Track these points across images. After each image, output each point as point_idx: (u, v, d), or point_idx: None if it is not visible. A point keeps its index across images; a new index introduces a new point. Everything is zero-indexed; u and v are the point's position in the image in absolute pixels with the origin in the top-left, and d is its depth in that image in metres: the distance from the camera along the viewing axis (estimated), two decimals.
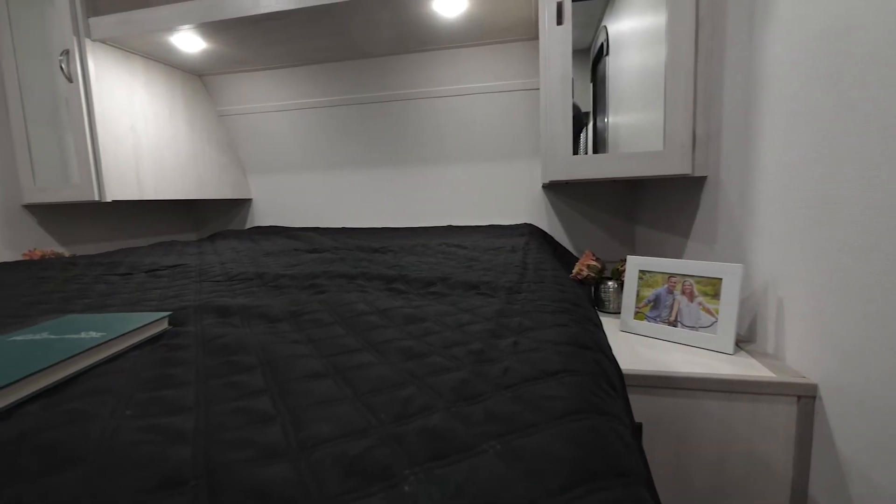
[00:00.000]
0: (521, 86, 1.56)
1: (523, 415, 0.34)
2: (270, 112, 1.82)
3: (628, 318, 0.89)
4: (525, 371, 0.41)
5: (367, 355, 0.47)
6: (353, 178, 1.83)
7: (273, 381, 0.41)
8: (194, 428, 0.33)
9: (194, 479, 0.27)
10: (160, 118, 1.59)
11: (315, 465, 0.28)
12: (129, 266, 1.05)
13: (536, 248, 1.13)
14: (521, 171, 1.65)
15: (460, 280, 0.78)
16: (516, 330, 0.54)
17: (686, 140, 0.94)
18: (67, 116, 1.38)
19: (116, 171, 1.41)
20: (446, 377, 0.41)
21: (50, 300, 0.76)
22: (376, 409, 0.35)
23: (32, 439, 0.31)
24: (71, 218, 1.58)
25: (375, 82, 1.68)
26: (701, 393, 0.71)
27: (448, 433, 0.31)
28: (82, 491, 0.25)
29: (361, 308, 0.63)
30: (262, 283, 0.85)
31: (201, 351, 0.49)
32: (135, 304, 0.71)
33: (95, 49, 1.36)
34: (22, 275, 0.99)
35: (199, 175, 1.73)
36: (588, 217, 1.59)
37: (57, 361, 0.41)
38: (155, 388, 0.40)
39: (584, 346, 0.50)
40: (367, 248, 1.21)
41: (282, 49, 1.53)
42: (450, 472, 0.27)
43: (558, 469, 0.28)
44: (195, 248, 1.41)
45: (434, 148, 1.72)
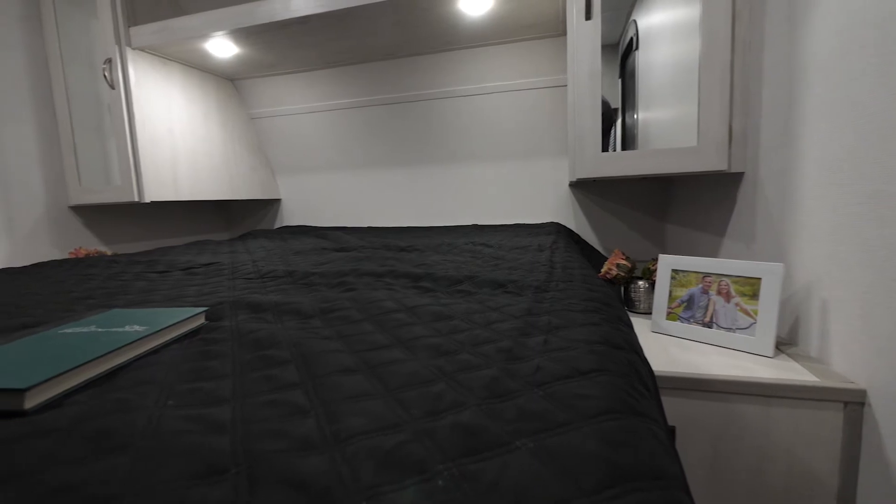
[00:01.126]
0: (547, 83, 1.54)
1: (556, 413, 0.33)
2: (298, 114, 1.86)
3: (660, 319, 0.87)
4: (556, 369, 0.41)
5: (396, 352, 0.47)
6: (379, 177, 1.85)
7: (306, 375, 0.42)
8: (232, 419, 0.34)
9: (234, 468, 0.27)
10: (195, 122, 1.65)
11: (350, 457, 0.29)
12: (167, 264, 1.09)
13: (564, 246, 1.12)
14: (547, 169, 1.63)
15: (487, 278, 0.77)
16: (545, 329, 0.53)
17: (722, 135, 0.91)
18: (110, 122, 1.45)
19: (154, 173, 1.47)
20: (476, 374, 0.41)
21: (95, 296, 0.79)
22: (408, 405, 0.35)
23: (83, 426, 0.32)
24: (112, 218, 1.65)
25: (401, 83, 1.69)
26: (738, 397, 0.69)
27: (480, 430, 0.31)
28: (132, 475, 0.26)
29: (390, 306, 0.64)
30: (292, 281, 0.86)
31: (236, 345, 0.50)
32: (173, 300, 0.74)
33: (136, 57, 1.42)
34: (69, 272, 1.05)
35: (231, 176, 1.79)
36: (617, 215, 1.56)
37: (104, 353, 0.43)
38: (194, 380, 0.41)
39: (616, 346, 0.49)
40: (393, 247, 1.22)
41: (309, 52, 1.56)
42: (483, 468, 0.27)
43: (593, 468, 0.27)
44: (228, 247, 1.45)
45: (459, 147, 1.72)
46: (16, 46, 1.39)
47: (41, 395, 0.36)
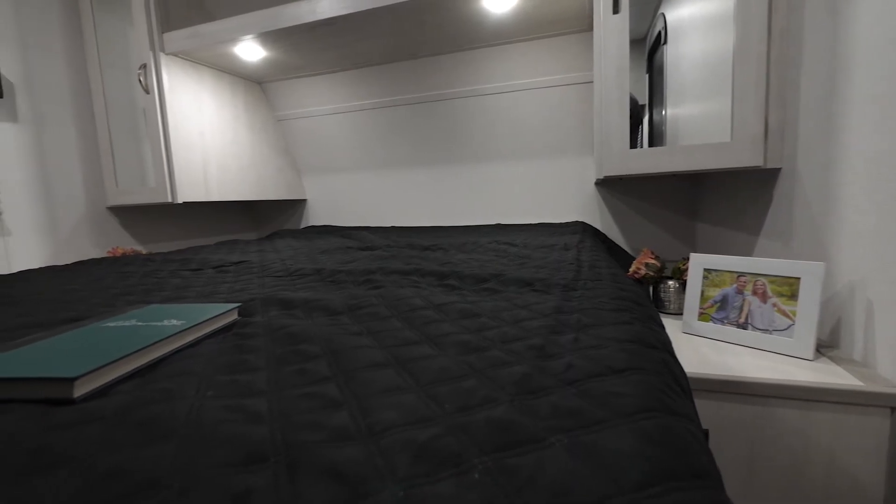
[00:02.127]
0: (572, 80, 1.52)
1: (590, 410, 0.33)
2: (323, 115, 1.89)
3: (691, 320, 0.85)
4: (589, 367, 0.40)
5: (425, 348, 0.48)
6: (402, 177, 1.86)
7: (338, 369, 0.42)
8: (269, 410, 0.35)
9: (274, 457, 0.28)
10: (224, 124, 1.69)
11: (385, 449, 0.29)
12: (199, 262, 1.13)
13: (590, 245, 1.10)
14: (572, 167, 1.61)
15: (514, 277, 0.77)
16: (575, 327, 0.53)
17: (757, 130, 0.88)
18: (144, 125, 1.50)
19: (187, 175, 1.51)
20: (507, 371, 0.40)
21: (133, 292, 0.82)
22: (440, 399, 0.36)
23: (130, 414, 0.33)
24: (147, 218, 1.71)
25: (424, 82, 1.70)
26: (776, 400, 0.67)
27: (514, 425, 0.31)
28: (178, 462, 0.27)
29: (417, 303, 0.64)
30: (320, 279, 0.88)
31: (269, 340, 0.51)
32: (207, 297, 0.76)
33: (169, 62, 1.47)
34: (108, 269, 1.09)
35: (259, 177, 1.83)
36: (644, 214, 1.53)
37: (145, 346, 0.44)
38: (231, 372, 0.42)
39: (649, 346, 0.48)
40: (417, 246, 1.23)
41: (334, 54, 1.59)
42: (518, 464, 0.27)
43: (632, 466, 0.27)
44: (256, 246, 1.48)
45: (482, 146, 1.71)
46: (57, 54, 1.46)
47: (89, 384, 0.38)
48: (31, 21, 1.39)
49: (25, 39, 1.37)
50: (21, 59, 1.36)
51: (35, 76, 1.39)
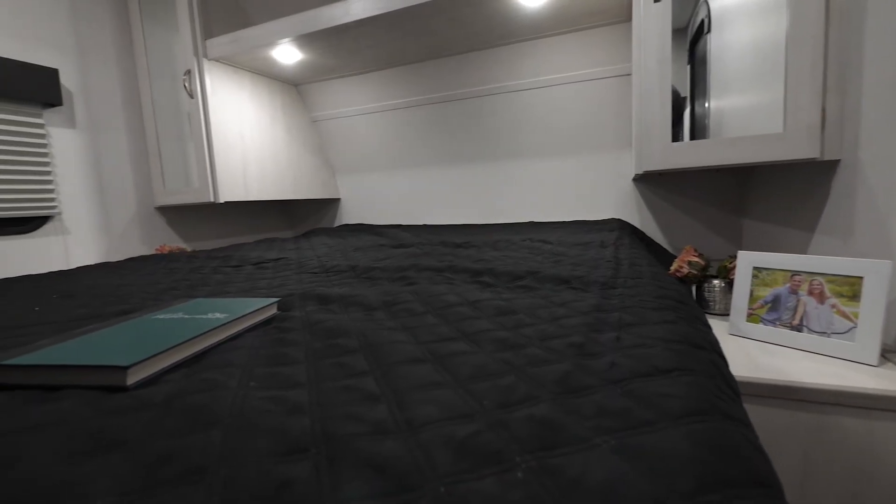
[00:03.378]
0: (608, 73, 1.47)
1: (638, 411, 0.32)
2: (356, 115, 1.92)
3: (739, 321, 0.80)
4: (634, 367, 0.39)
5: (461, 344, 0.47)
6: (434, 175, 1.87)
7: (375, 363, 0.42)
8: (309, 402, 0.35)
9: (314, 448, 0.28)
10: (263, 126, 1.74)
11: (424, 444, 0.28)
12: (240, 259, 1.17)
13: (629, 243, 1.07)
14: (608, 163, 1.56)
15: (550, 274, 0.75)
16: (616, 325, 0.51)
17: (813, 119, 0.82)
18: (189, 129, 1.57)
19: (228, 176, 1.57)
20: (547, 369, 0.39)
21: (179, 287, 0.86)
22: (478, 396, 0.35)
23: (178, 401, 0.35)
24: (192, 218, 1.79)
25: (457, 80, 1.69)
26: (834, 408, 0.62)
27: (557, 424, 0.30)
28: (224, 449, 0.28)
29: (452, 299, 0.63)
30: (355, 275, 0.89)
31: (308, 334, 0.52)
32: (247, 292, 0.78)
33: (211, 67, 1.53)
34: (156, 266, 1.14)
35: (295, 177, 1.88)
36: (686, 211, 1.46)
37: (192, 337, 0.46)
38: (272, 365, 0.43)
39: (697, 346, 0.45)
40: (450, 244, 1.22)
41: (367, 54, 1.61)
42: (563, 464, 0.26)
43: (686, 471, 0.25)
44: (293, 244, 1.52)
45: (516, 143, 1.69)
46: (111, 63, 1.54)
47: (140, 372, 0.40)
48: (88, 33, 1.47)
49: (82, 50, 1.46)
50: (79, 69, 1.44)
51: (91, 85, 1.48)
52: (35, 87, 1.29)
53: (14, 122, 1.26)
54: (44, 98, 1.31)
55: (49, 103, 1.33)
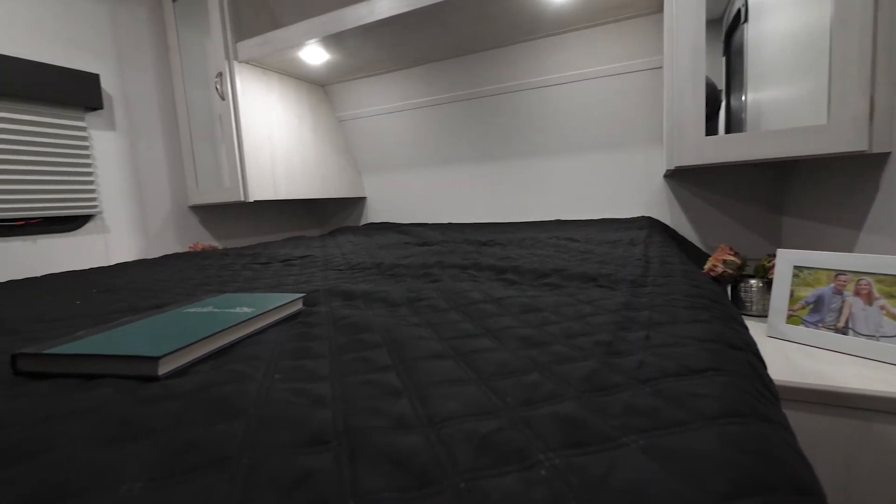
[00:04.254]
0: (638, 66, 1.43)
1: (668, 411, 0.30)
2: (381, 115, 1.93)
3: (778, 323, 0.77)
4: (664, 366, 0.37)
5: (485, 341, 0.46)
6: (459, 173, 1.86)
7: (398, 358, 0.42)
8: (332, 395, 0.35)
9: (336, 440, 0.28)
10: (290, 127, 1.78)
11: (445, 439, 0.28)
12: (268, 256, 1.19)
13: (660, 241, 1.03)
14: (638, 159, 1.52)
15: (576, 272, 0.74)
16: (646, 324, 0.49)
17: (860, 110, 0.78)
18: (220, 130, 1.61)
19: (257, 175, 1.61)
20: (573, 366, 0.38)
21: (210, 282, 0.88)
22: (501, 392, 0.34)
23: (206, 392, 0.35)
24: (223, 216, 1.85)
25: (481, 77, 1.68)
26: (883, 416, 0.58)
27: (582, 422, 0.29)
28: (247, 439, 0.28)
29: (476, 296, 0.63)
30: (379, 272, 0.89)
31: (332, 329, 0.52)
32: (275, 287, 0.79)
33: (241, 69, 1.57)
34: (189, 263, 1.18)
35: (322, 176, 1.91)
36: (720, 208, 1.41)
37: (220, 330, 0.47)
38: (296, 358, 0.43)
39: (733, 346, 0.43)
40: (474, 242, 1.21)
41: (393, 53, 1.61)
42: (588, 462, 0.25)
43: (721, 473, 0.24)
44: (319, 242, 1.55)
45: (541, 139, 1.67)
46: (148, 68, 1.61)
47: (171, 363, 0.41)
48: (126, 39, 1.54)
49: (121, 56, 1.52)
50: (118, 74, 1.51)
51: (129, 89, 1.54)
52: (78, 91, 1.35)
53: (59, 125, 1.33)
54: (86, 102, 1.37)
55: (91, 107, 1.40)
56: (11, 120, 1.23)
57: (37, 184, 1.28)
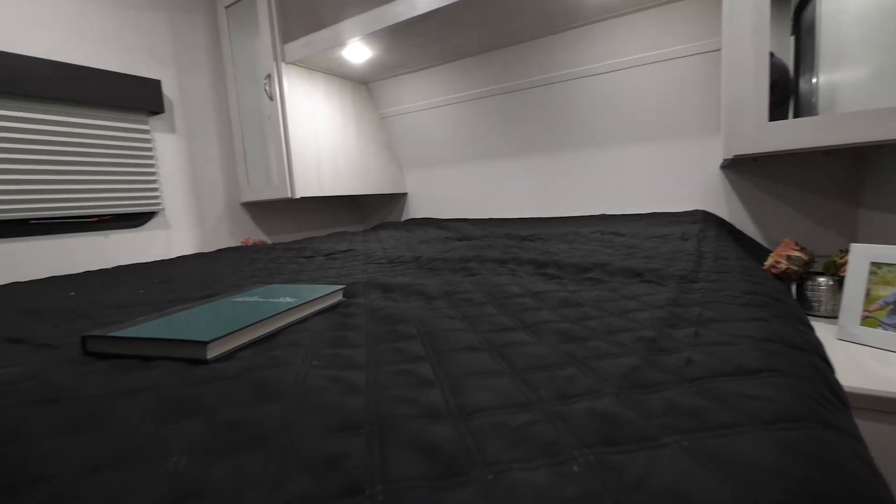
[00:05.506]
0: (693, 50, 1.35)
1: (716, 412, 0.28)
2: (423, 110, 1.94)
3: (851, 324, 0.70)
4: (714, 365, 0.35)
5: (521, 334, 0.45)
6: (501, 168, 1.84)
7: (431, 350, 0.42)
8: (366, 383, 0.35)
9: (368, 426, 0.28)
10: (335, 125, 1.83)
11: (475, 430, 0.27)
12: (312, 251, 1.23)
13: (714, 235, 0.97)
14: (692, 149, 1.43)
15: (620, 266, 0.71)
16: (695, 321, 0.46)
17: None
18: (269, 130, 1.68)
19: (303, 173, 1.66)
20: (612, 362, 0.37)
21: (258, 274, 0.93)
22: (535, 386, 0.33)
23: (248, 375, 0.37)
24: (272, 212, 1.93)
25: (524, 68, 1.65)
26: None
27: (620, 419, 0.28)
28: (283, 420, 0.29)
29: (514, 290, 0.62)
30: (417, 266, 0.90)
31: (369, 319, 0.53)
32: (317, 280, 0.82)
33: (289, 70, 1.63)
34: (241, 256, 1.24)
35: (365, 173, 1.95)
36: (785, 201, 1.30)
37: (264, 318, 0.49)
38: (334, 347, 0.44)
39: (794, 346, 0.40)
40: (515, 236, 1.20)
41: (433, 48, 1.62)
42: (625, 461, 0.24)
43: (774, 481, 0.22)
44: (361, 237, 1.58)
45: (587, 131, 1.61)
46: (204, 72, 1.70)
47: (218, 348, 0.43)
48: (184, 46, 1.64)
49: (180, 62, 1.62)
50: (177, 79, 1.61)
51: (187, 93, 1.64)
52: (142, 97, 1.45)
53: (126, 129, 1.44)
54: (149, 107, 1.47)
55: (154, 111, 1.50)
56: (85, 125, 1.34)
57: (108, 183, 1.39)
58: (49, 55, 1.28)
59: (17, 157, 1.22)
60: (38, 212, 1.25)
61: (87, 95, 1.33)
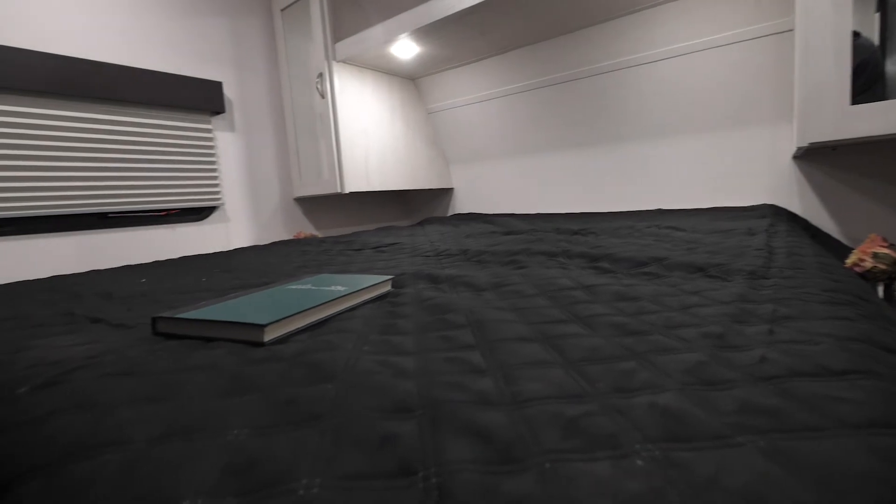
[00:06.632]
0: (762, 31, 1.25)
1: (797, 414, 0.26)
2: (470, 104, 1.93)
3: None
4: (792, 364, 0.32)
5: (574, 327, 0.44)
6: (549, 162, 1.80)
7: (482, 339, 0.42)
8: (415, 368, 0.35)
9: (420, 409, 0.28)
10: (383, 121, 1.86)
11: (530, 418, 0.27)
12: (361, 244, 1.26)
13: (786, 230, 0.90)
14: (760, 139, 1.33)
15: (680, 261, 0.67)
16: (768, 318, 0.43)
17: None
18: (320, 127, 1.73)
19: (352, 168, 1.71)
20: (675, 357, 0.34)
21: (310, 265, 0.96)
22: (591, 378, 0.32)
23: (302, 358, 0.38)
24: (322, 207, 1.99)
25: (575, 58, 1.60)
26: None
27: (686, 415, 0.26)
28: (336, 401, 0.30)
29: (565, 283, 0.60)
30: (465, 259, 0.89)
31: (418, 309, 0.53)
32: (366, 270, 0.83)
33: (339, 69, 1.67)
34: (293, 249, 1.29)
35: (412, 168, 1.97)
36: (869, 194, 1.18)
37: (316, 304, 0.50)
38: (384, 333, 0.45)
39: (885, 348, 0.36)
40: (564, 231, 1.17)
41: (482, 41, 1.60)
42: (695, 459, 0.22)
43: (864, 490, 0.20)
44: (408, 231, 1.60)
45: (643, 122, 1.54)
46: (260, 73, 1.78)
47: (274, 331, 0.44)
48: (244, 48, 1.72)
49: (239, 64, 1.70)
50: (237, 80, 1.69)
51: (245, 93, 1.73)
52: (205, 98, 1.54)
53: (191, 129, 1.53)
54: (211, 107, 1.56)
55: (216, 111, 1.59)
56: (156, 126, 1.44)
57: (175, 180, 1.49)
58: (124, 61, 1.39)
59: (97, 155, 1.33)
60: (114, 206, 1.37)
61: (158, 98, 1.43)
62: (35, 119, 1.23)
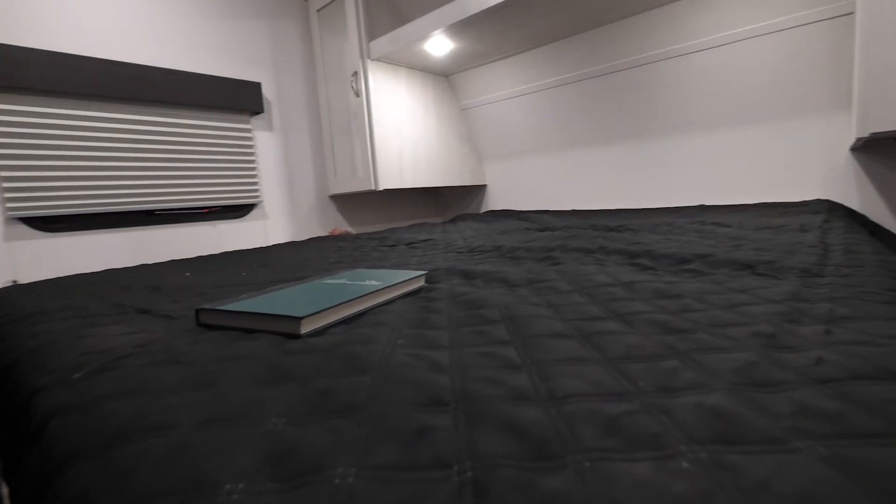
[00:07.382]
0: (816, 16, 1.17)
1: (860, 419, 0.24)
2: (504, 100, 1.91)
3: None
4: (852, 366, 0.30)
5: (612, 324, 0.42)
6: (585, 157, 1.75)
7: (516, 335, 0.41)
8: (450, 362, 0.35)
9: (454, 403, 0.28)
10: (417, 118, 1.87)
11: (567, 415, 0.26)
12: (394, 240, 1.27)
13: (843, 227, 0.84)
14: (813, 130, 1.25)
15: (726, 258, 0.64)
16: (824, 318, 0.40)
17: None
18: (355, 125, 1.76)
19: (386, 166, 1.72)
20: (722, 356, 0.33)
21: (345, 261, 0.97)
22: (632, 376, 0.31)
23: (338, 350, 0.38)
24: (357, 204, 2.03)
25: (612, 50, 1.55)
26: None
27: (736, 417, 0.25)
28: (371, 392, 0.30)
29: (602, 279, 0.58)
30: (499, 255, 0.89)
31: (451, 304, 0.53)
32: (400, 266, 0.84)
33: (374, 67, 1.69)
34: (328, 245, 1.32)
35: (446, 165, 1.97)
36: None
37: (352, 298, 0.51)
38: (418, 327, 0.45)
39: None
40: (601, 227, 1.13)
41: (516, 35, 1.58)
42: (746, 462, 0.21)
43: None
44: (441, 228, 1.60)
45: (685, 114, 1.48)
46: (297, 74, 1.82)
47: (311, 324, 0.45)
48: (281, 49, 1.77)
49: (277, 65, 1.75)
50: (275, 80, 1.74)
51: (283, 94, 1.78)
52: (245, 99, 1.60)
53: (232, 129, 1.59)
54: (251, 107, 1.62)
55: (255, 112, 1.64)
56: (198, 126, 1.51)
57: (216, 178, 1.55)
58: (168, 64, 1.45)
59: (144, 155, 1.40)
60: (160, 203, 1.44)
61: (201, 100, 1.49)
62: (87, 122, 1.31)
